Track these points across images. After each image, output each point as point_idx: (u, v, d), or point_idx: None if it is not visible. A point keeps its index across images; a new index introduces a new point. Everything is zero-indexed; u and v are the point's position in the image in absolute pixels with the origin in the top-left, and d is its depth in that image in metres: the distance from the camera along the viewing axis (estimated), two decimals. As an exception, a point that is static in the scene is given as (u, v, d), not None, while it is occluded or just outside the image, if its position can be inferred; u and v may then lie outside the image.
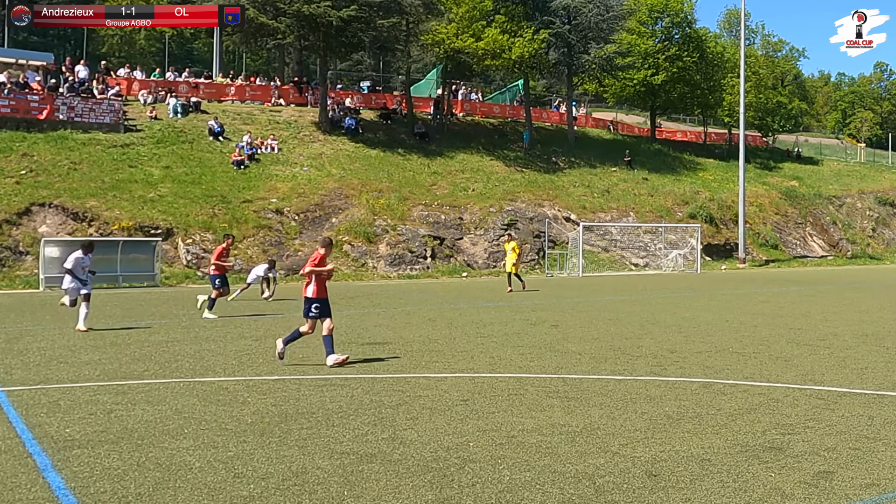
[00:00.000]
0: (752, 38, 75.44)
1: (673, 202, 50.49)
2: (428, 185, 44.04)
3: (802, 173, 67.01)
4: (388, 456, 7.41)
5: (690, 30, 64.16)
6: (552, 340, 15.41)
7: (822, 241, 55.99)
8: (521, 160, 51.28)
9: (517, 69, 54.00)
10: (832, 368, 12.41)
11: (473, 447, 7.74)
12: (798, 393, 10.53)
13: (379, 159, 45.51)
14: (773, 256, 50.19)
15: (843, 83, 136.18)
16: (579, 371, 12.06)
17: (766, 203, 56.14)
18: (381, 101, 55.18)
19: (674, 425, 8.73)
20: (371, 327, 17.49)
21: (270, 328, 17.16)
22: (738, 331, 17.10)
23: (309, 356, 13.34)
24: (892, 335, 16.30)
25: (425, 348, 14.28)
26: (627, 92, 63.83)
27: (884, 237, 60.83)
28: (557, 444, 7.90)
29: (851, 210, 61.87)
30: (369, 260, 36.62)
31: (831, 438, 8.21)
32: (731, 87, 64.23)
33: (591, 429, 8.51)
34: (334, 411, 9.23)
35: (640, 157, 57.93)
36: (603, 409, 9.50)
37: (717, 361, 13.03)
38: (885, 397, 10.27)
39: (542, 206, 44.86)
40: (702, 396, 10.25)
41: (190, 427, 8.42)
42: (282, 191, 39.45)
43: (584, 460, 7.35)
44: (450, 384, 10.95)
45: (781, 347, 14.60)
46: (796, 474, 7.02)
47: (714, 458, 7.47)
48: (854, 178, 68.68)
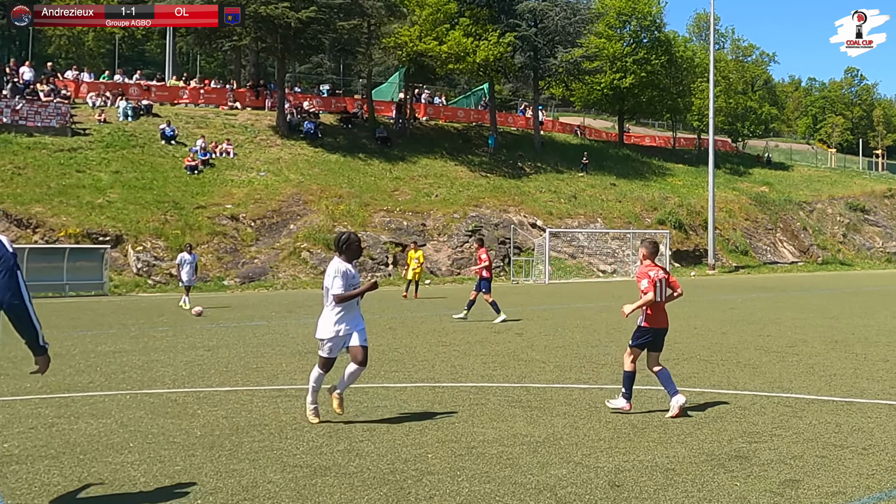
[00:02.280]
0: (721, 42, 76.52)
1: (641, 208, 50.90)
2: (390, 190, 44.02)
3: (773, 179, 67.96)
4: (343, 468, 7.35)
5: (659, 33, 64.93)
6: (516, 349, 15.43)
7: (793, 247, 56.79)
8: (486, 165, 51.44)
9: (482, 73, 54.22)
10: (800, 375, 12.54)
11: (432, 458, 7.70)
12: (765, 400, 10.63)
13: (339, 164, 45.41)
14: (743, 262, 50.81)
15: (814, 88, 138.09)
16: (543, 380, 12.08)
17: (736, 209, 56.82)
18: (342, 104, 55.17)
19: (638, 434, 8.76)
20: (329, 337, 17.33)
21: (224, 338, 17.01)
22: (707, 338, 17.25)
23: (262, 366, 13.23)
24: (861, 342, 16.53)
25: (385, 357, 14.22)
26: (595, 96, 64.36)
27: (854, 243, 61.83)
28: (518, 454, 7.89)
29: (822, 216, 62.84)
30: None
31: (798, 446, 8.28)
32: (701, 91, 65.03)
33: (554, 439, 8.52)
34: (288, 423, 9.15)
35: (608, 163, 58.41)
36: (566, 418, 9.52)
37: (685, 369, 13.12)
38: (853, 404, 10.39)
39: (508, 212, 45.02)
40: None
41: (136, 441, 8.30)
42: (237, 196, 39.22)
43: (545, 471, 7.34)
44: (409, 394, 10.92)
45: (750, 354, 14.74)
46: (762, 483, 7.07)
47: (679, 468, 7.50)
48: (825, 184, 69.78)
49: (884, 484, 7.06)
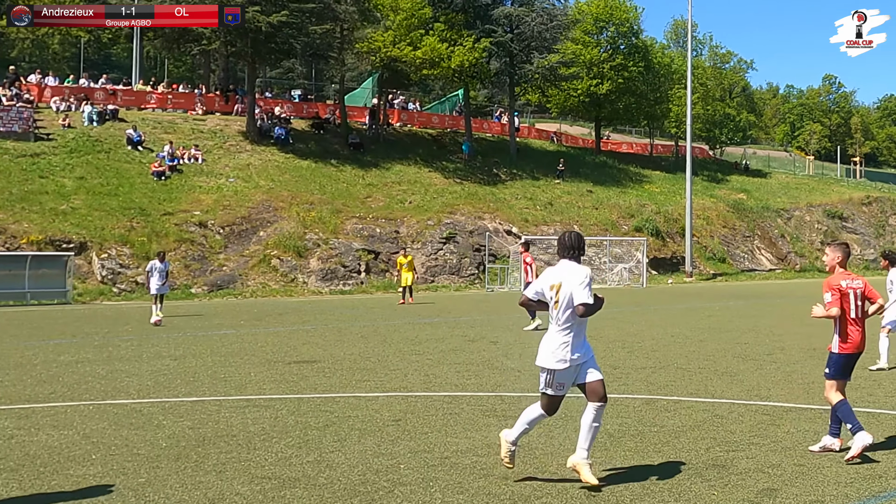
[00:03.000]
0: (699, 49, 77.11)
1: (618, 215, 51.15)
2: (362, 197, 43.96)
3: (750, 186, 68.51)
4: (313, 480, 7.28)
5: (637, 40, 65.36)
6: (490, 357, 15.43)
7: (771, 255, 57.26)
8: (460, 172, 51.50)
9: (457, 78, 54.33)
10: (778, 383, 12.61)
11: (404, 469, 7.66)
12: (743, 409, 10.67)
13: (310, 170, 45.30)
14: (720, 270, 51.16)
15: (792, 95, 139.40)
16: (518, 389, 12.06)
17: (713, 216, 57.23)
18: (314, 110, 55.08)
19: (615, 443, 8.75)
20: (299, 345, 17.32)
21: (190, 347, 16.88)
22: (684, 346, 17.33)
23: (230, 376, 13.13)
24: (839, 349, 16.64)
25: (356, 366, 14.17)
26: (571, 102, 64.64)
27: (832, 251, 62.34)
28: (492, 465, 7.85)
29: (800, 223, 63.44)
30: (299, 275, 36.36)
31: (776, 455, 8.30)
32: (678, 98, 65.46)
33: (529, 448, 8.48)
34: (256, 434, 9.07)
35: (585, 169, 58.64)
36: (541, 427, 9.45)
37: (661, 377, 13.16)
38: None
39: (483, 219, 45.08)
40: (644, 413, 10.32)
41: (98, 453, 8.18)
42: (206, 203, 39.01)
43: (520, 482, 7.32)
44: (381, 403, 10.87)
45: (727, 362, 14.82)
46: (739, 492, 7.08)
47: (656, 477, 7.50)
48: (803, 191, 70.44)
49: (862, 492, 7.09)
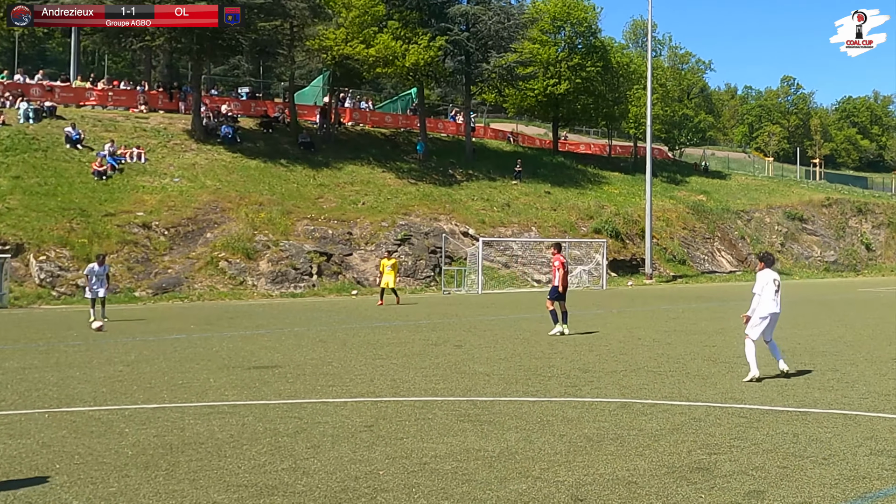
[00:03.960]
0: (658, 49, 77.94)
1: (577, 216, 51.52)
2: (314, 197, 43.74)
3: (710, 187, 69.47)
4: (291, 487, 7.26)
5: (595, 39, 65.87)
6: (457, 361, 15.47)
7: (731, 256, 58.10)
8: (415, 172, 51.49)
9: (412, 77, 54.27)
10: (751, 386, 12.84)
11: (384, 476, 7.67)
12: (720, 411, 10.84)
13: (259, 170, 44.96)
14: (680, 272, 51.79)
15: (750, 97, 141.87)
16: (489, 393, 12.13)
17: (673, 218, 57.90)
18: (262, 108, 54.68)
19: (595, 447, 8.85)
20: (257, 350, 17.20)
21: (142, 352, 16.67)
22: (652, 349, 17.54)
23: (189, 382, 13.01)
24: (807, 352, 17.01)
25: (319, 371, 14.14)
26: (528, 102, 64.96)
27: (792, 252, 63.60)
28: (474, 469, 7.91)
29: (760, 225, 64.47)
30: (248, 277, 36.08)
31: (758, 457, 8.47)
32: (637, 98, 66.14)
33: (509, 453, 8.55)
34: (225, 441, 9.02)
35: (543, 170, 58.96)
36: (519, 432, 9.57)
37: (633, 381, 13.31)
38: (808, 414, 10.67)
39: (439, 221, 45.11)
40: (621, 417, 10.44)
41: (62, 462, 8.08)
42: (150, 203, 38.52)
43: (504, 486, 7.37)
44: (350, 409, 10.86)
45: (698, 365, 15.03)
46: (727, 495, 7.21)
47: (641, 481, 7.61)
48: (762, 193, 71.60)
49: (848, 493, 7.27)
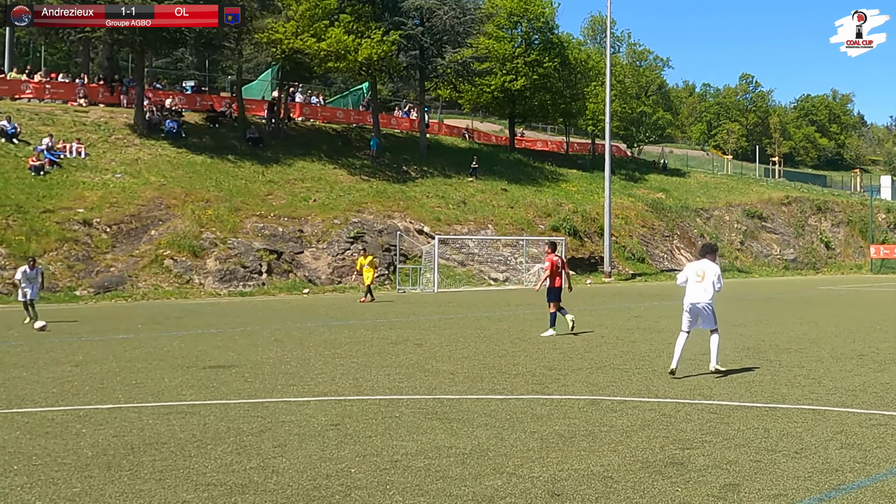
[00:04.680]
0: (617, 46, 78.81)
1: (534, 214, 51.88)
2: (263, 194, 43.57)
3: (669, 185, 70.36)
4: (262, 486, 7.30)
5: (552, 35, 66.34)
6: (419, 360, 15.56)
7: (690, 255, 58.76)
8: (368, 169, 51.49)
9: (364, 72, 54.20)
10: (720, 382, 13.08)
11: (356, 473, 7.74)
12: (689, 407, 11.06)
13: (206, 166, 44.69)
14: (639, 270, 52.39)
15: (709, 94, 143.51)
16: (455, 391, 12.23)
17: (632, 215, 58.55)
18: (208, 102, 54.33)
19: (567, 444, 8.99)
20: (210, 349, 17.15)
21: (90, 352, 16.53)
22: (617, 346, 17.77)
23: (143, 382, 12.93)
24: (772, 348, 17.33)
25: (278, 370, 14.16)
26: (485, 98, 65.29)
27: (752, 250, 64.64)
28: (447, 466, 8.00)
29: (719, 223, 65.42)
30: (195, 276, 35.84)
31: (731, 451, 8.68)
32: (595, 95, 66.78)
33: (481, 450, 8.66)
34: (188, 441, 9.02)
35: (499, 167, 59.30)
36: (489, 429, 9.68)
37: (601, 378, 13.50)
38: (777, 409, 10.93)
39: (393, 218, 45.16)
40: (591, 414, 10.60)
41: (19, 462, 8.03)
42: (90, 200, 38.11)
43: (479, 482, 7.47)
44: (314, 408, 10.90)
45: (664, 362, 15.24)
46: (703, 488, 7.39)
47: (616, 476, 7.75)
48: (721, 191, 72.68)
49: (822, 486, 7.48)
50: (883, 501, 7.06)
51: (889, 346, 18.10)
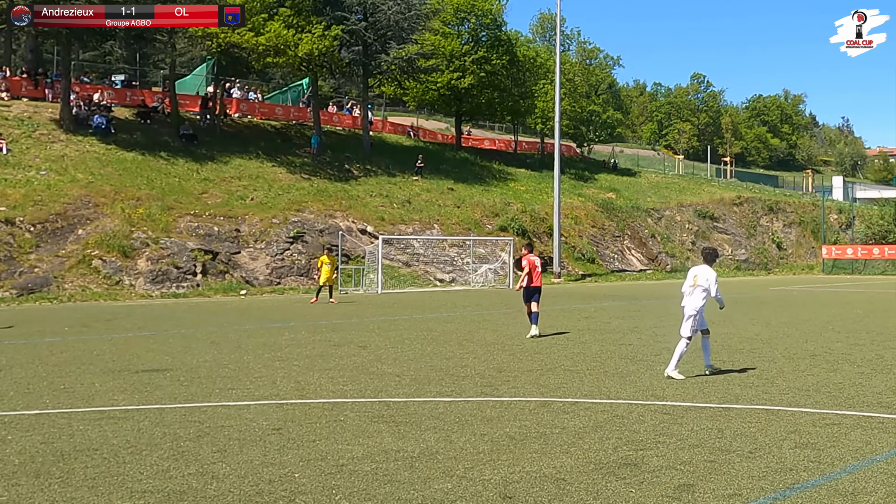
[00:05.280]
0: (567, 44, 79.38)
1: (482, 214, 52.05)
2: (197, 192, 43.16)
3: (619, 185, 71.04)
4: (201, 492, 7.25)
5: (500, 32, 66.64)
6: (363, 362, 15.55)
7: (641, 255, 59.48)
8: (308, 167, 51.29)
9: (305, 68, 53.97)
10: (672, 383, 13.25)
11: (300, 478, 7.72)
12: (642, 408, 11.19)
13: (137, 163, 44.17)
14: (589, 270, 52.80)
15: (660, 93, 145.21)
16: (402, 394, 12.24)
17: (582, 215, 58.99)
18: (139, 97, 53.85)
19: (518, 446, 9.05)
20: (143, 353, 16.96)
21: (14, 356, 16.21)
22: (567, 347, 17.90)
23: (71, 386, 12.74)
24: (725, 349, 17.59)
25: (215, 374, 14.06)
26: (431, 96, 65.37)
27: (703, 251, 65.39)
28: (395, 470, 8.01)
29: (670, 223, 66.20)
30: (126, 277, 35.40)
31: (685, 452, 8.81)
32: (544, 93, 67.20)
33: (430, 453, 8.68)
34: (121, 447, 8.93)
35: (445, 166, 59.42)
36: (437, 432, 9.70)
37: (551, 379, 13.60)
38: (730, 410, 11.11)
39: (335, 218, 45.01)
40: (542, 416, 10.68)
41: (-60, 470, 7.88)
42: (13, 198, 37.45)
43: (429, 486, 7.49)
44: (255, 412, 10.84)
45: (616, 363, 15.43)
46: (657, 489, 7.49)
47: (569, 477, 7.82)
48: (673, 191, 73.58)
49: (776, 485, 7.63)
50: (837, 500, 7.22)
51: (841, 346, 18.48)
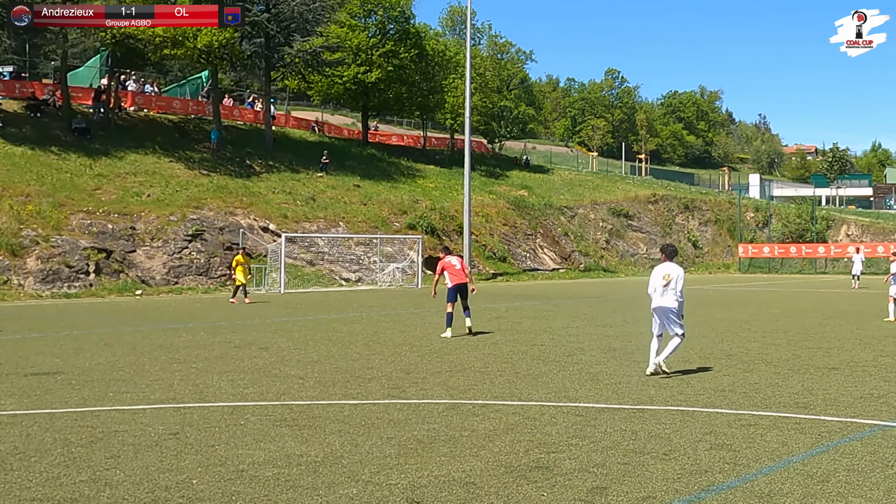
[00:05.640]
0: (477, 38, 79.79)
1: (389, 211, 52.01)
2: (90, 189, 42.30)
3: (532, 182, 71.67)
4: (94, 499, 7.09)
5: (409, 25, 66.64)
6: (265, 364, 15.39)
7: (554, 254, 60.07)
8: (207, 163, 50.67)
9: (203, 60, 53.25)
10: (585, 384, 13.34)
11: (198, 484, 7.57)
12: (554, 410, 11.24)
13: (26, 158, 43.22)
14: (501, 269, 53.13)
15: (573, 89, 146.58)
16: (305, 397, 12.12)
17: (493, 213, 59.33)
18: (29, 89, 52.97)
19: (426, 449, 9.01)
20: (32, 355, 16.56)
21: None
22: (478, 348, 17.94)
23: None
24: (640, 350, 17.77)
25: (108, 377, 13.80)
26: (336, 90, 65.05)
27: (618, 249, 66.50)
28: (298, 475, 7.91)
29: (584, 221, 67.02)
30: (14, 276, 34.51)
31: (598, 454, 8.86)
32: (454, 88, 67.43)
33: (334, 457, 8.60)
34: (9, 453, 8.71)
35: (351, 162, 59.23)
36: (342, 436, 9.62)
37: (461, 381, 13.59)
38: (644, 411, 11.22)
39: (235, 215, 44.54)
40: (451, 418, 10.65)
41: None
42: None
43: (333, 491, 7.40)
44: (150, 416, 10.64)
45: (527, 364, 15.50)
46: (569, 492, 7.50)
47: (479, 481, 7.80)
48: (587, 189, 74.49)
49: (691, 487, 7.71)
50: (753, 502, 7.31)
51: (757, 346, 18.84)
